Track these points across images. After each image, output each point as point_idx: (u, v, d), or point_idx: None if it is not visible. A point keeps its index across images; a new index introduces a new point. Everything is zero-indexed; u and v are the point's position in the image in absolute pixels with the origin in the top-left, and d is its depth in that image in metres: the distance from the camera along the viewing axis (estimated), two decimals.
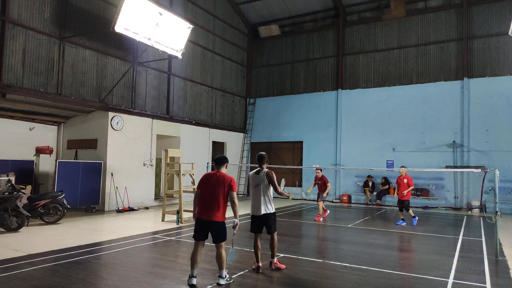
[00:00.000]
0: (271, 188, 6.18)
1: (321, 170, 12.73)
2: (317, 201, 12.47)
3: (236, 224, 5.41)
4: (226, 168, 5.59)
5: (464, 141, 16.12)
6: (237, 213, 5.37)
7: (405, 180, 11.32)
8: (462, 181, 16.14)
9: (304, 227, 11.19)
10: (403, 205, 11.39)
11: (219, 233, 5.29)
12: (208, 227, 5.26)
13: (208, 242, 8.46)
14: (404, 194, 11.28)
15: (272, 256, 6.25)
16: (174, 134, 16.41)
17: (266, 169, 6.29)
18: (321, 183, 12.27)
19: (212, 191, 5.28)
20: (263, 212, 6.12)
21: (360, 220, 12.35)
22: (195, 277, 5.23)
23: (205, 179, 5.44)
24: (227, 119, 20.34)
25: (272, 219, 6.19)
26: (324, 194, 12.16)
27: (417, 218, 11.49)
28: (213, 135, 18.81)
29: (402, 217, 11.41)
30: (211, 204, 5.24)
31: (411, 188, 11.34)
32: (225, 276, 5.33)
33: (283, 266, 6.24)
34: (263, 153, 6.55)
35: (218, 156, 5.67)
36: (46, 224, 10.08)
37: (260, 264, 6.11)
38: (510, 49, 15.66)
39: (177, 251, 7.45)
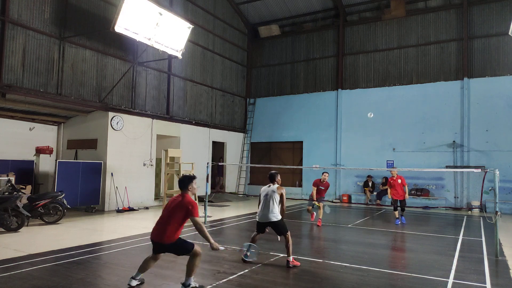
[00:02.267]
0: (279, 200, 6.55)
1: (328, 174, 11.61)
2: (314, 203, 11.44)
3: (214, 248, 4.98)
4: (193, 186, 5.12)
5: (464, 141, 16.12)
6: (208, 237, 4.91)
7: (399, 181, 11.55)
8: (462, 181, 16.14)
9: (304, 227, 11.18)
10: (402, 204, 11.57)
11: (177, 250, 4.98)
12: (160, 247, 4.96)
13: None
14: (403, 195, 11.57)
15: (288, 255, 6.44)
16: (174, 134, 16.41)
17: (277, 185, 6.70)
18: (325, 189, 11.34)
19: (166, 215, 4.97)
20: (270, 220, 6.50)
21: (360, 220, 12.35)
22: (137, 280, 5.11)
23: (168, 202, 5.17)
24: (227, 119, 20.34)
25: (280, 224, 6.54)
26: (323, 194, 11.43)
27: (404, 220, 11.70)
28: (213, 135, 18.81)
29: (397, 217, 11.63)
30: (161, 227, 4.92)
31: (406, 187, 11.65)
32: (189, 284, 4.95)
33: (297, 264, 6.46)
34: (274, 171, 6.87)
35: (182, 176, 5.24)
36: (46, 224, 10.07)
37: (249, 254, 6.45)
38: (510, 49, 15.66)
39: None
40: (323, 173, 11.31)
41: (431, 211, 15.44)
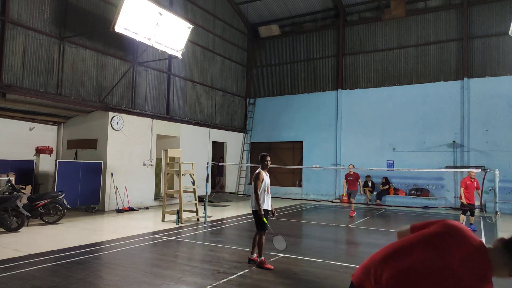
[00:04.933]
0: (258, 187, 6.38)
1: (353, 166, 13.65)
2: (350, 202, 13.45)
3: None
4: None
5: (464, 141, 16.12)
6: None
7: (475, 183, 10.56)
8: None
9: (304, 227, 11.19)
10: (473, 208, 10.59)
11: None
12: None
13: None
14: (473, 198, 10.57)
15: (259, 255, 6.36)
16: (174, 134, 16.41)
17: (257, 170, 6.56)
18: (354, 179, 12.97)
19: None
20: (251, 208, 6.54)
21: (360, 220, 12.35)
22: None
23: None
24: (227, 119, 20.34)
25: (254, 216, 6.47)
26: (361, 191, 13.94)
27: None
28: (213, 135, 18.80)
29: (471, 222, 10.73)
30: None
31: (478, 191, 10.62)
32: None
33: (268, 266, 6.21)
34: (263, 153, 6.77)
35: None
36: (46, 224, 10.07)
37: (252, 257, 6.46)
38: (510, 49, 15.66)
39: (177, 251, 7.44)
40: (349, 166, 13.82)
41: (431, 211, 15.43)
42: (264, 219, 6.30)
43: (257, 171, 6.54)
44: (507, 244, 1.91)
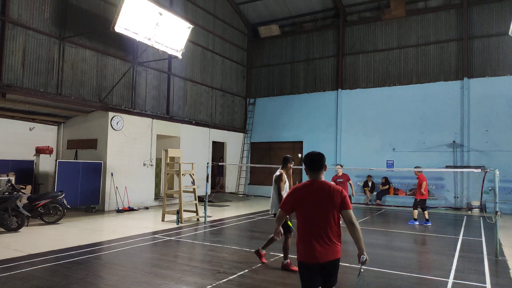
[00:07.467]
0: (282, 189, 6.28)
1: (342, 166, 12.70)
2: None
3: (365, 260, 3.33)
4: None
5: (464, 141, 16.12)
6: (360, 242, 3.37)
7: (417, 180, 11.55)
8: (462, 181, 16.13)
9: None
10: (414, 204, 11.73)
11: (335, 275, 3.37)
12: (322, 271, 3.30)
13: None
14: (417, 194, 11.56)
15: (284, 258, 6.28)
16: (174, 134, 16.41)
17: (278, 172, 6.46)
18: (344, 181, 12.16)
19: (317, 212, 3.39)
20: (271, 211, 6.45)
21: (360, 220, 12.34)
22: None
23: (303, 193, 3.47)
24: (227, 119, 20.34)
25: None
26: (353, 193, 12.09)
27: (417, 222, 11.50)
28: (213, 135, 18.81)
29: (426, 218, 11.47)
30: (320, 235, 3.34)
31: (421, 188, 11.39)
32: None
33: (294, 268, 5.97)
34: (286, 155, 6.72)
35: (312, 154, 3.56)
36: (46, 224, 10.08)
37: (284, 261, 6.26)
38: (510, 49, 15.65)
39: (177, 251, 7.44)
40: (336, 166, 12.44)
41: (431, 211, 15.41)
42: (289, 222, 6.18)
43: (278, 172, 6.37)
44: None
